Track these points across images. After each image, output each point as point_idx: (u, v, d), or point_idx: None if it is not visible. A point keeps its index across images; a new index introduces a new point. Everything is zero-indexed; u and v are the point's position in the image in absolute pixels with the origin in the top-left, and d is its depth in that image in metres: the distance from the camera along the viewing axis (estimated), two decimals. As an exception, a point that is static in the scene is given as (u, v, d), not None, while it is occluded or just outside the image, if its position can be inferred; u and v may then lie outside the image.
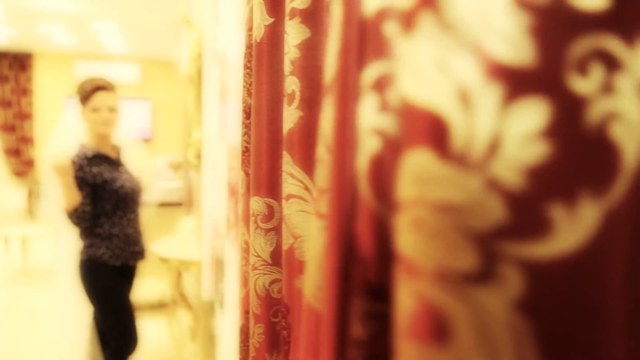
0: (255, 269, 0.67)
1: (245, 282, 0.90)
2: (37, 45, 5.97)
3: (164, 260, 2.73)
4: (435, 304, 0.21)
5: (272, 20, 0.64)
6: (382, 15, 0.24)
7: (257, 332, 0.67)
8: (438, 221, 0.21)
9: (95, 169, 2.25)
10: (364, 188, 0.24)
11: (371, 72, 0.24)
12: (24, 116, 6.13)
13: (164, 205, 4.41)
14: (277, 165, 0.65)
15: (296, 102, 0.51)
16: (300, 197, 0.51)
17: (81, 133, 2.39)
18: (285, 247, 0.54)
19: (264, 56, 0.65)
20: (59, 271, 2.70)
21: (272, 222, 0.65)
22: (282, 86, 0.65)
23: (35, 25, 5.26)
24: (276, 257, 0.65)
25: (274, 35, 0.64)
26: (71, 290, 2.49)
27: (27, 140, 6.14)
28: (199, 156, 2.64)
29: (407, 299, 0.22)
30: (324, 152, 0.33)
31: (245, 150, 0.88)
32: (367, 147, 0.24)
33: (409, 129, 0.22)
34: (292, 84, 0.51)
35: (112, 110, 2.30)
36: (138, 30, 5.56)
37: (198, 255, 2.69)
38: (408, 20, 0.22)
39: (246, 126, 0.87)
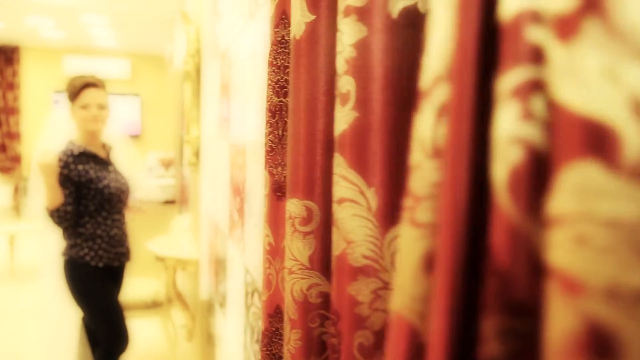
0: (292, 273, 0.65)
1: (269, 284, 0.88)
2: (24, 38, 5.83)
3: (160, 259, 2.69)
4: (603, 322, 0.20)
5: (313, 17, 0.62)
6: (524, 18, 0.23)
7: (294, 337, 0.65)
8: (607, 237, 0.20)
9: (80, 167, 2.20)
10: (504, 199, 0.23)
11: (511, 79, 0.23)
12: (10, 111, 5.99)
13: (156, 202, 4.36)
14: (315, 167, 0.64)
15: (351, 103, 0.50)
16: (354, 201, 0.50)
17: (70, 131, 2.34)
18: (336, 252, 0.52)
19: (302, 54, 0.64)
20: (47, 269, 2.65)
21: (311, 225, 0.63)
22: (321, 85, 0.63)
23: (23, 18, 5.15)
24: (315, 261, 0.64)
25: (315, 33, 0.62)
26: (59, 289, 2.45)
27: (13, 136, 6.00)
28: (197, 154, 2.60)
29: (566, 317, 0.21)
30: (421, 158, 0.32)
31: (271, 150, 0.86)
32: (508, 156, 0.23)
33: (569, 139, 0.21)
34: (347, 84, 0.50)
35: (102, 107, 2.25)
36: (128, 24, 5.48)
37: (195, 254, 2.66)
38: (567, 26, 0.21)
39: (271, 125, 0.86)
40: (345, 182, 0.51)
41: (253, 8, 1.52)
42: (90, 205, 2.23)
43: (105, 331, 2.35)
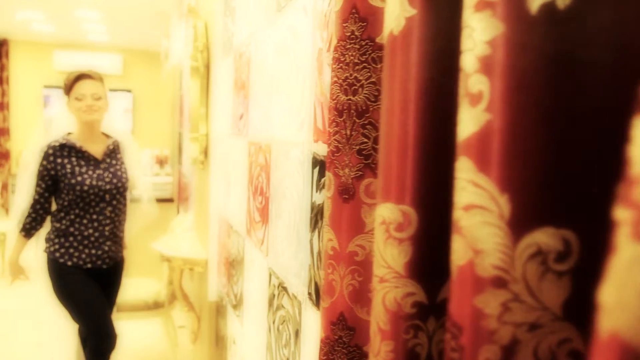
0: (384, 281, 0.62)
1: (331, 291, 0.85)
2: (14, 31, 5.66)
3: (167, 259, 2.63)
4: None
5: (414, 12, 0.59)
6: None
7: (385, 349, 0.62)
8: None
9: (59, 160, 2.14)
10: None
11: None
12: (-2, 106, 5.82)
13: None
14: (406, 170, 0.61)
15: (484, 104, 0.47)
16: (484, 208, 0.47)
17: (69, 127, 2.28)
18: (460, 262, 0.49)
19: (400, 52, 0.61)
20: (39, 269, 2.58)
21: (408, 231, 0.60)
22: (421, 84, 0.60)
23: (13, 10, 5.00)
24: (410, 269, 0.61)
25: (416, 28, 0.59)
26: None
27: (1, 132, 5.82)
28: (205, 152, 2.55)
29: None
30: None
31: (336, 151, 0.83)
32: None
33: None
34: (478, 84, 0.47)
35: (97, 97, 2.18)
36: (121, 18, 5.37)
37: (202, 254, 2.60)
38: None
39: (337, 125, 0.82)
40: (474, 187, 0.48)
41: (282, 1, 1.48)
42: (65, 199, 2.17)
43: (87, 328, 2.29)
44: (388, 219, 0.61)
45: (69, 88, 2.20)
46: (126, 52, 6.30)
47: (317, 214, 1.20)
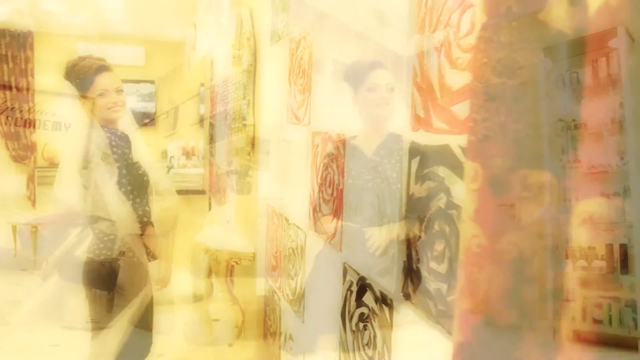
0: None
1: (476, 291, 0.78)
2: (39, 23, 5.61)
3: (211, 253, 2.58)
4: None
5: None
6: None
7: (587, 359, 0.56)
8: None
9: (126, 150, 2.03)
10: None
11: None
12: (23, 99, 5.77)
13: (182, 193, 4.23)
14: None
15: None
16: None
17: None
18: None
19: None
20: (67, 262, 2.51)
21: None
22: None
23: (38, 2, 4.95)
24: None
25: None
26: (78, 282, 2.29)
27: (27, 124, 5.80)
28: (252, 142, 2.49)
29: None
30: None
31: (484, 139, 0.76)
32: None
33: None
34: None
35: (120, 90, 2.05)
36: (143, 9, 5.31)
37: (249, 247, 2.55)
38: None
39: (487, 110, 0.75)
40: None
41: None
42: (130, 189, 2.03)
43: None
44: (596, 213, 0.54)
45: (89, 82, 2.01)
46: (148, 42, 6.24)
47: (414, 208, 1.14)
